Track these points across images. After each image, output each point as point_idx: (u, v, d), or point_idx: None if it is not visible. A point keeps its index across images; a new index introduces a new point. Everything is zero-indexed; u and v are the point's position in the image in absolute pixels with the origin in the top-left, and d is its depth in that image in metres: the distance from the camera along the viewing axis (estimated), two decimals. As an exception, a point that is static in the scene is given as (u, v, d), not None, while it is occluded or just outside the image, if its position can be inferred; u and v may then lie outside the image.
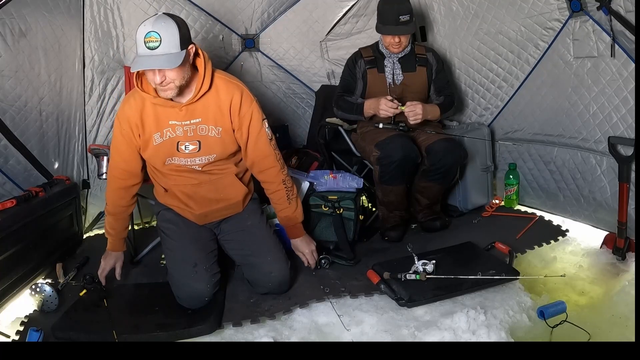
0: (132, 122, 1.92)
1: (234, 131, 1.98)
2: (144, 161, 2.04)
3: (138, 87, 1.89)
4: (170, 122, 1.91)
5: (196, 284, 1.89)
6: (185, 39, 1.78)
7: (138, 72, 1.85)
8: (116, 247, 2.12)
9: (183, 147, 1.94)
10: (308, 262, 2.19)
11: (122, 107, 1.97)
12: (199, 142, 1.94)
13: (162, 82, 1.77)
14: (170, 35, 1.73)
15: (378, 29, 2.62)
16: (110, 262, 2.10)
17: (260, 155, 2.04)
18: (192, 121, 1.92)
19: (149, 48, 1.71)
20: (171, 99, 1.87)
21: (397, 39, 2.56)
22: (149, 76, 1.80)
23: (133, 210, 2.16)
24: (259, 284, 2.03)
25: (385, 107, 2.49)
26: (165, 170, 2.02)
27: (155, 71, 1.75)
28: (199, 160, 1.97)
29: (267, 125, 2.04)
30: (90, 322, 1.84)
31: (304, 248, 2.19)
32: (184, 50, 1.78)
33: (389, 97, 2.52)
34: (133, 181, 2.06)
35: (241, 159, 2.10)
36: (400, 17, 2.50)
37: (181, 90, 1.84)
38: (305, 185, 2.51)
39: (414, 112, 2.48)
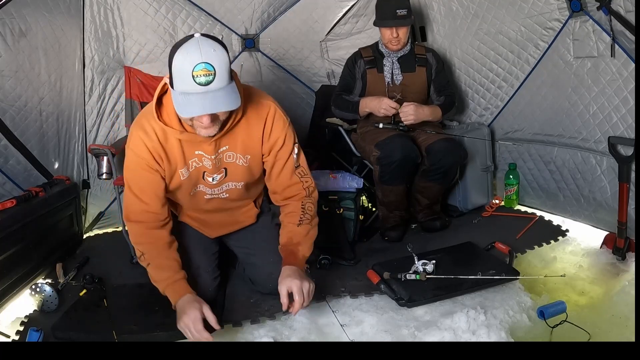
0: (156, 154, 1.66)
1: (262, 155, 1.81)
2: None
3: (159, 118, 1.60)
4: (196, 152, 1.71)
5: (197, 288, 1.87)
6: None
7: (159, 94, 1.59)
8: (182, 291, 1.67)
9: (210, 179, 1.79)
10: (288, 307, 1.66)
11: (137, 141, 1.64)
12: (225, 169, 1.78)
13: (210, 123, 1.52)
14: (223, 65, 1.44)
15: (376, 23, 2.63)
16: (193, 315, 1.56)
17: (284, 185, 1.84)
18: (219, 151, 1.73)
19: (200, 84, 1.41)
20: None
21: (395, 34, 2.57)
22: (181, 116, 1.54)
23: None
24: (259, 284, 2.03)
25: (387, 106, 2.50)
26: (185, 199, 1.87)
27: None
28: (226, 186, 1.84)
29: (296, 151, 1.81)
30: (90, 322, 1.84)
31: (295, 284, 1.63)
32: (233, 80, 1.50)
33: (392, 99, 2.53)
34: (165, 216, 1.76)
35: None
36: (398, 11, 2.51)
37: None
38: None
39: (406, 112, 2.49)
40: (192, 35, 1.47)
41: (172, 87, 1.49)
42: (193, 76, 1.40)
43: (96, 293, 2.01)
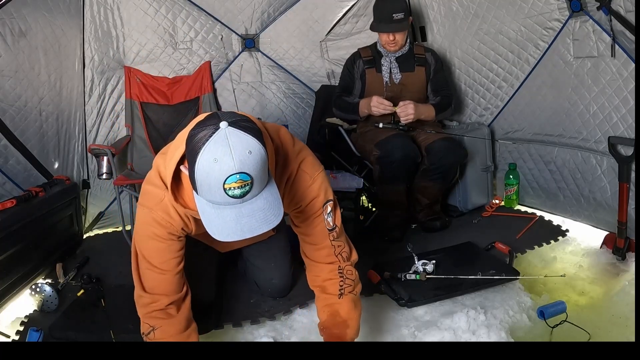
0: (182, 224, 1.43)
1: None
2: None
3: (179, 201, 1.34)
4: None
5: (199, 291, 1.82)
6: None
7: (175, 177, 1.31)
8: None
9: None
10: None
11: (156, 204, 1.38)
12: None
13: None
14: (260, 168, 1.14)
15: (372, 27, 2.63)
16: None
17: (312, 247, 1.55)
18: None
19: (233, 197, 1.12)
20: None
21: (392, 37, 2.57)
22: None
23: (132, 212, 2.01)
24: (260, 286, 2.03)
25: (376, 103, 2.50)
26: (208, 239, 1.69)
27: None
28: (242, 241, 1.68)
29: (329, 210, 1.48)
30: (88, 322, 1.84)
31: None
32: (271, 177, 1.23)
33: (382, 96, 2.53)
34: (183, 286, 1.52)
35: None
36: (394, 15, 2.51)
37: None
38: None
39: (405, 112, 2.49)
40: (214, 127, 1.12)
41: (194, 190, 1.19)
42: (225, 189, 1.11)
43: (94, 293, 2.02)
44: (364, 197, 2.84)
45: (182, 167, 1.28)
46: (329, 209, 1.48)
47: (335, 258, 1.52)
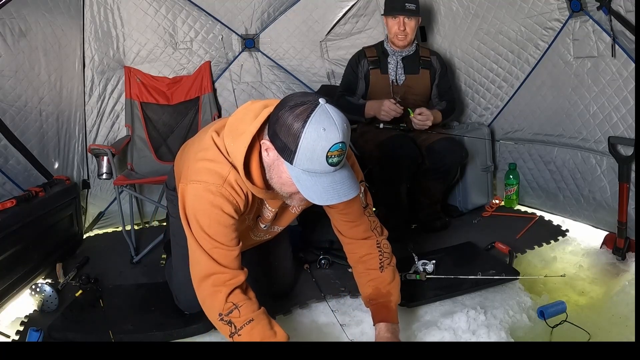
0: (245, 202, 1.45)
1: None
2: None
3: (246, 179, 1.38)
4: (263, 199, 1.56)
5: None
6: None
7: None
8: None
9: (263, 225, 1.67)
10: None
11: (222, 181, 1.38)
12: (276, 214, 1.66)
13: None
14: (349, 144, 1.29)
15: (385, 13, 2.64)
16: None
17: (350, 225, 1.64)
18: (285, 206, 1.63)
19: (331, 164, 1.24)
20: None
21: (402, 27, 2.57)
22: (291, 188, 1.34)
23: (132, 211, 2.01)
24: (260, 286, 2.03)
25: (387, 109, 2.50)
26: None
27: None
28: (272, 229, 1.75)
29: (362, 190, 1.58)
30: (86, 322, 1.84)
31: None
32: None
33: (393, 100, 2.52)
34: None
35: None
36: (407, 4, 2.53)
37: None
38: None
39: (424, 123, 2.52)
40: (314, 102, 1.24)
41: (287, 160, 1.27)
42: (327, 156, 1.22)
43: (92, 293, 2.02)
44: (364, 197, 2.84)
45: (264, 141, 1.33)
46: (362, 188, 1.58)
47: (372, 233, 1.63)
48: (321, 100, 1.24)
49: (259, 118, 1.34)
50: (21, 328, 1.88)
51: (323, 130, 1.20)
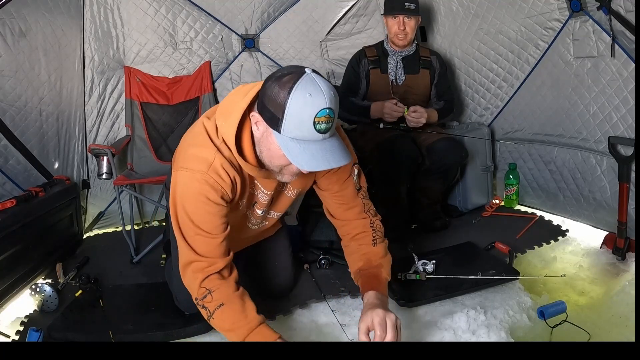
0: (233, 189, 1.46)
1: (315, 182, 1.65)
2: None
3: (239, 156, 1.39)
4: (256, 182, 1.56)
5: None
6: None
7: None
8: (268, 336, 1.43)
9: (259, 211, 1.67)
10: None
11: (208, 167, 1.38)
12: (272, 198, 1.65)
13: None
14: (337, 112, 1.28)
15: (385, 11, 2.64)
16: None
17: (344, 207, 1.65)
18: (280, 189, 1.64)
19: (319, 131, 1.24)
20: None
21: (402, 27, 2.57)
22: (280, 160, 1.34)
23: (132, 211, 2.02)
24: (260, 286, 2.03)
25: (389, 110, 2.50)
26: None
27: None
28: (270, 215, 1.74)
29: (356, 172, 1.62)
30: (86, 323, 1.84)
31: (378, 315, 1.39)
32: None
33: (393, 101, 2.52)
34: (229, 254, 1.50)
35: None
36: (406, 4, 2.53)
37: None
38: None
39: (417, 120, 2.50)
40: (300, 71, 1.25)
41: (275, 129, 1.27)
42: (314, 122, 1.23)
43: (92, 293, 2.02)
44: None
45: (253, 114, 1.34)
46: (356, 170, 1.62)
47: (366, 214, 1.64)
48: (307, 70, 1.25)
49: (248, 95, 1.37)
50: (21, 328, 1.88)
51: (309, 95, 1.21)
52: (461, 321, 1.70)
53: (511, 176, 2.85)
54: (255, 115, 1.34)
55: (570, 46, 2.41)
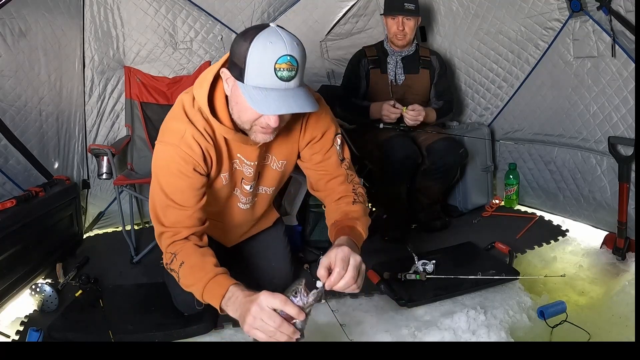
0: (207, 154, 1.47)
1: (299, 155, 1.66)
2: None
3: (212, 117, 1.41)
4: (238, 155, 1.55)
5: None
6: None
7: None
8: (225, 282, 1.39)
9: (247, 187, 1.65)
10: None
11: (187, 137, 1.41)
12: (259, 173, 1.64)
13: (275, 127, 1.35)
14: (303, 62, 1.28)
15: (385, 12, 2.65)
16: (259, 311, 1.32)
17: (327, 178, 1.63)
18: (263, 158, 1.62)
19: (280, 78, 1.24)
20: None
21: (401, 27, 2.57)
22: (248, 114, 1.35)
23: (132, 211, 2.03)
24: (260, 285, 2.03)
25: (387, 112, 2.51)
26: (217, 208, 1.69)
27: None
28: (259, 190, 1.72)
29: (339, 142, 1.61)
30: (86, 323, 1.84)
31: (343, 251, 1.29)
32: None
33: (391, 102, 2.52)
34: (205, 221, 1.53)
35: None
36: (406, 4, 2.54)
37: None
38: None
39: (415, 118, 2.50)
40: (265, 25, 1.28)
41: (240, 80, 1.29)
42: (275, 69, 1.23)
43: (92, 294, 2.01)
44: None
45: (222, 70, 1.37)
46: (339, 141, 1.60)
47: (349, 184, 1.62)
48: (272, 24, 1.29)
49: (220, 60, 1.41)
50: (21, 328, 1.88)
51: (270, 43, 1.23)
52: (461, 321, 1.70)
53: (511, 176, 2.85)
54: (224, 72, 1.37)
55: (570, 46, 2.41)
